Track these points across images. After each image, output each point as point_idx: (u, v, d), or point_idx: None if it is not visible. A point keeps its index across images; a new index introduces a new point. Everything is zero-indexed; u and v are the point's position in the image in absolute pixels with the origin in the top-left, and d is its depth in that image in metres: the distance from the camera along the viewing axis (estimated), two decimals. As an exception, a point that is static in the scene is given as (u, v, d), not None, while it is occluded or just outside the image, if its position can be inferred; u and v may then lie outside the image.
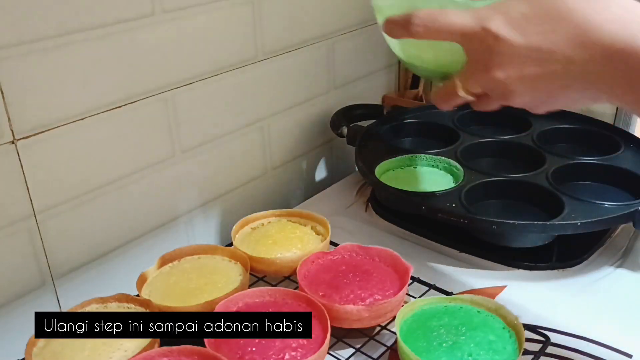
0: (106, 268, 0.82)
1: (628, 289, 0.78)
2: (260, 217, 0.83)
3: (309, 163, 1.14)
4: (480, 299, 0.66)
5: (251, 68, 0.94)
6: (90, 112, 0.75)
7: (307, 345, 0.60)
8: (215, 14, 0.86)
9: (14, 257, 0.72)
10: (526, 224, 0.78)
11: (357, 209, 0.99)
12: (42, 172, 0.72)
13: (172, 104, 0.84)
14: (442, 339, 0.61)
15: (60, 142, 0.73)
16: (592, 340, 0.69)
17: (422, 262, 0.84)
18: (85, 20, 0.71)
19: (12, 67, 0.66)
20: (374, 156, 0.96)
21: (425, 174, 0.94)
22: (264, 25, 0.94)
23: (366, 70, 1.19)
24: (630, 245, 0.87)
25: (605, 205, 0.81)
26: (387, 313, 0.67)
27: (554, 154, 0.94)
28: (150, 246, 0.87)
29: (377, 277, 0.70)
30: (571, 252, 0.84)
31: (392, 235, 0.91)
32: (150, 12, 0.78)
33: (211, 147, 0.92)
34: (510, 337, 0.62)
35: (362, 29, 1.14)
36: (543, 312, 0.74)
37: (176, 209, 0.90)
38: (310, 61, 1.05)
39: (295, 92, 1.05)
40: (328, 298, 0.67)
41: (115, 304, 0.68)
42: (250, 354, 0.59)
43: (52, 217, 0.74)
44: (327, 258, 0.74)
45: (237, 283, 0.70)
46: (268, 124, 1.01)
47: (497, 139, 1.01)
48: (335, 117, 1.08)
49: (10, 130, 0.68)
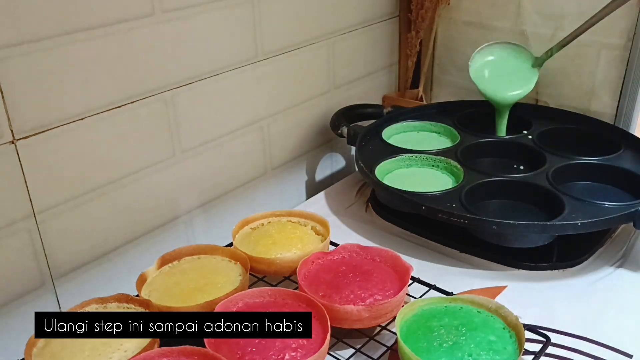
0: (106, 268, 0.82)
1: (628, 289, 0.78)
2: (260, 217, 0.83)
3: (309, 163, 1.14)
4: (480, 299, 0.66)
5: (251, 68, 0.94)
6: (90, 112, 0.75)
7: (307, 346, 0.60)
8: (215, 14, 0.86)
9: (14, 257, 0.72)
10: (526, 224, 0.78)
11: (357, 209, 0.99)
12: (42, 172, 0.72)
13: (172, 104, 0.84)
14: (443, 339, 0.61)
15: (60, 142, 0.73)
16: (593, 340, 0.69)
17: (422, 263, 0.84)
18: (85, 20, 0.71)
19: (12, 67, 0.66)
20: (374, 156, 0.96)
21: (425, 174, 0.94)
22: (264, 25, 0.94)
23: (366, 70, 1.19)
24: (630, 245, 0.87)
25: (605, 205, 0.81)
26: (387, 313, 0.66)
27: (554, 154, 0.94)
28: (150, 246, 0.87)
29: (377, 278, 0.70)
30: (571, 252, 0.84)
31: (392, 235, 0.91)
32: (150, 12, 0.78)
33: (211, 147, 0.92)
34: (510, 337, 0.62)
35: (362, 29, 1.14)
36: (543, 312, 0.74)
37: (176, 209, 0.90)
38: (310, 61, 1.05)
39: (295, 92, 1.05)
40: (328, 298, 0.67)
41: (115, 304, 0.67)
42: (250, 354, 0.59)
43: (52, 217, 0.74)
44: (327, 258, 0.74)
45: (237, 283, 0.70)
46: (268, 124, 1.01)
47: (497, 139, 1.01)
48: (335, 117, 1.08)
49: (10, 130, 0.68)
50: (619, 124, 1.05)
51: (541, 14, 1.07)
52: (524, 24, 1.10)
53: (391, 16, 1.20)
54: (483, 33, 1.16)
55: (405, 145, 1.00)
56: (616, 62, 1.01)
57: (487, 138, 1.01)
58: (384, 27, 1.19)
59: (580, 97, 1.08)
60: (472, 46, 1.06)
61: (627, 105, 1.04)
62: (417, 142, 1.02)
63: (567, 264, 0.82)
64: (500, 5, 1.12)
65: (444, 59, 1.24)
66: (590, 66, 1.05)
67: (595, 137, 1.00)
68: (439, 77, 1.26)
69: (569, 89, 1.09)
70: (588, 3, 1.01)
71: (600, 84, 1.04)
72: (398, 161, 0.96)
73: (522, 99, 1.01)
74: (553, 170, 0.89)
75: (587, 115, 1.04)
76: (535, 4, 1.07)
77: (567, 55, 1.07)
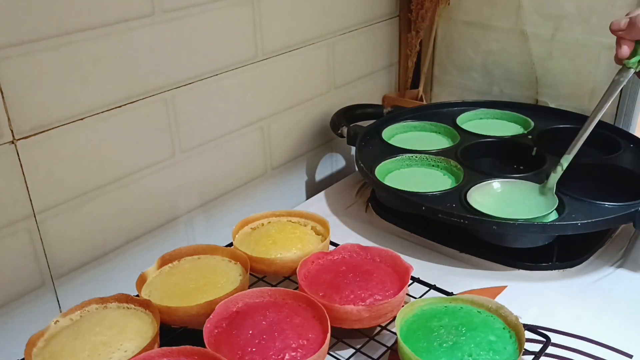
0: (106, 268, 0.82)
1: (628, 289, 0.78)
2: (260, 217, 0.83)
3: (309, 163, 1.14)
4: (480, 299, 0.66)
5: (251, 68, 0.94)
6: (90, 112, 0.75)
7: (307, 346, 0.60)
8: (215, 14, 0.86)
9: (14, 257, 0.72)
10: (526, 224, 0.78)
11: (357, 209, 0.99)
12: (42, 172, 0.72)
13: (172, 104, 0.84)
14: (443, 339, 0.61)
15: (60, 142, 0.73)
16: (593, 340, 0.69)
17: (422, 263, 0.84)
18: (85, 20, 0.71)
19: (12, 67, 0.66)
20: (374, 156, 0.96)
21: (425, 174, 0.94)
22: (264, 25, 0.94)
23: (366, 70, 1.19)
24: (630, 245, 0.87)
25: (605, 205, 0.81)
26: (387, 313, 0.66)
27: (554, 154, 0.94)
28: (150, 246, 0.87)
29: (377, 278, 0.70)
30: (571, 252, 0.84)
31: (392, 235, 0.91)
32: (150, 12, 0.78)
33: (211, 147, 0.92)
34: (510, 337, 0.62)
35: (362, 28, 1.14)
36: (543, 312, 0.74)
37: (176, 209, 0.90)
38: (310, 61, 1.05)
39: (295, 92, 1.05)
40: (328, 298, 0.67)
41: (115, 304, 0.67)
42: (250, 354, 0.59)
43: (52, 217, 0.74)
44: (327, 258, 0.74)
45: (237, 283, 0.70)
46: (268, 124, 1.01)
47: (497, 139, 1.01)
48: (335, 117, 1.08)
49: (10, 130, 0.68)
50: (619, 124, 1.05)
51: (541, 14, 1.07)
52: (524, 24, 1.10)
53: (391, 16, 1.20)
54: (483, 33, 1.16)
55: (405, 145, 1.00)
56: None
57: (487, 138, 1.01)
58: (384, 27, 1.19)
59: (580, 97, 1.08)
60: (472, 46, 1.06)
61: (627, 105, 1.04)
62: (417, 142, 1.02)
63: (567, 264, 0.82)
64: (500, 5, 1.12)
65: (444, 59, 1.24)
66: (590, 66, 1.05)
67: (595, 137, 1.00)
68: (439, 77, 1.26)
69: (569, 89, 1.09)
70: (588, 3, 1.02)
71: (600, 84, 1.04)
72: (398, 161, 0.96)
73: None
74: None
75: (587, 115, 1.04)
76: (535, 4, 1.07)
77: (567, 55, 1.07)
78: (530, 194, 0.84)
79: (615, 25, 0.75)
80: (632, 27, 0.74)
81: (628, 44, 0.76)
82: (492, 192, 0.85)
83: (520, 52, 1.12)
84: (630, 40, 0.76)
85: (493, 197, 0.84)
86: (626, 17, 0.75)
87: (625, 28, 0.75)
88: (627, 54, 0.76)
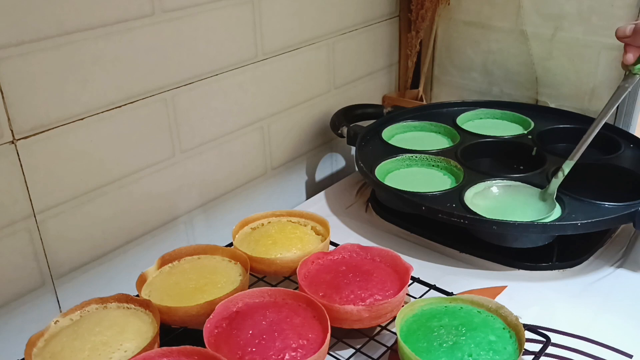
0: (106, 268, 0.82)
1: (628, 289, 0.78)
2: (260, 217, 0.83)
3: (309, 163, 1.14)
4: (480, 299, 0.66)
5: (251, 68, 0.94)
6: (90, 112, 0.75)
7: (307, 346, 0.60)
8: (215, 14, 0.86)
9: (14, 257, 0.72)
10: (526, 224, 0.78)
11: (357, 209, 0.99)
12: (42, 172, 0.72)
13: (172, 104, 0.84)
14: (443, 339, 0.61)
15: (60, 142, 0.73)
16: (593, 340, 0.69)
17: (422, 263, 0.84)
18: (85, 20, 0.71)
19: (12, 67, 0.66)
20: (374, 156, 0.96)
21: (425, 174, 0.94)
22: (264, 25, 0.94)
23: (366, 70, 1.19)
24: (630, 245, 0.87)
25: (605, 205, 0.81)
26: (387, 313, 0.66)
27: (554, 154, 0.94)
28: (150, 246, 0.87)
29: (377, 278, 0.70)
30: (571, 252, 0.84)
31: (392, 235, 0.91)
32: (150, 12, 0.78)
33: (211, 147, 0.92)
34: (510, 337, 0.62)
35: (362, 28, 1.14)
36: (543, 312, 0.74)
37: (176, 209, 0.90)
38: (310, 61, 1.05)
39: (295, 92, 1.05)
40: (328, 298, 0.67)
41: (115, 304, 0.67)
42: (250, 354, 0.59)
43: (52, 217, 0.74)
44: (327, 258, 0.74)
45: (237, 283, 0.70)
46: (268, 124, 1.01)
47: (497, 139, 1.01)
48: (335, 117, 1.08)
49: (10, 130, 0.68)
50: (619, 124, 1.05)
51: (541, 14, 1.07)
52: (524, 24, 1.10)
53: (391, 16, 1.20)
54: (483, 33, 1.16)
55: (405, 145, 1.00)
56: (616, 62, 1.01)
57: (487, 138, 1.01)
58: (384, 27, 1.19)
59: (580, 97, 1.08)
60: (472, 46, 1.06)
61: (627, 105, 1.04)
62: (417, 142, 1.02)
63: (567, 264, 0.82)
64: (500, 5, 1.12)
65: (444, 59, 1.24)
66: (590, 66, 1.05)
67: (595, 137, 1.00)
68: (439, 77, 1.26)
69: (569, 89, 1.09)
70: (588, 3, 1.02)
71: (600, 84, 1.05)
72: (398, 161, 0.96)
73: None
74: (553, 170, 0.89)
75: (587, 115, 1.04)
76: (535, 4, 1.07)
77: (567, 55, 1.07)
78: (530, 199, 0.84)
79: (620, 32, 0.75)
80: (637, 34, 0.74)
81: (633, 50, 0.76)
82: (492, 196, 0.85)
83: (520, 52, 1.12)
84: (636, 47, 0.75)
85: (493, 202, 0.84)
86: (631, 24, 0.74)
87: (630, 35, 0.74)
88: (632, 60, 0.76)
